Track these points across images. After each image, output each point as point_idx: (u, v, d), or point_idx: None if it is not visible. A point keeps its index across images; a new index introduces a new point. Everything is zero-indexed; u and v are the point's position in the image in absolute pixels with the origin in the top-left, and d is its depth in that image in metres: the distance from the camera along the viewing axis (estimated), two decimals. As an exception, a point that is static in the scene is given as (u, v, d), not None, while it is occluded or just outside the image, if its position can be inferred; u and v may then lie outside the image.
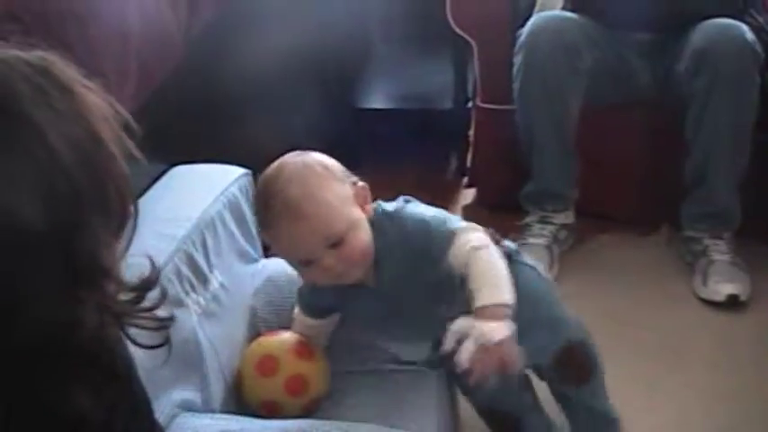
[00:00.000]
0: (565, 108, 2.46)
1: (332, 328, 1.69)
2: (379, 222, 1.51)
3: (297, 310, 1.68)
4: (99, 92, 0.87)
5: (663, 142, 2.56)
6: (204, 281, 1.56)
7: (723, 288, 2.37)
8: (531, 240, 2.53)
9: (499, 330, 1.38)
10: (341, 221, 1.46)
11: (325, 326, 1.67)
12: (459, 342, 1.39)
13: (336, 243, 1.45)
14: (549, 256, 2.50)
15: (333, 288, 1.55)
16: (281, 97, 2.59)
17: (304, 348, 1.61)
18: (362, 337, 1.71)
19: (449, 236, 1.49)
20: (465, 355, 1.37)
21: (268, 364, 1.59)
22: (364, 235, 1.48)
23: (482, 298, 1.42)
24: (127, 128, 0.89)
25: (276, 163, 1.50)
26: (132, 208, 0.89)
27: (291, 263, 1.53)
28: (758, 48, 2.33)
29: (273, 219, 1.46)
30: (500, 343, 1.37)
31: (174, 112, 1.94)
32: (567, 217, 2.61)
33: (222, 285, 1.63)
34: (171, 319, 0.95)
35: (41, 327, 0.80)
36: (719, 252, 2.45)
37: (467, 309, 1.43)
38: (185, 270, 1.50)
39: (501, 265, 1.46)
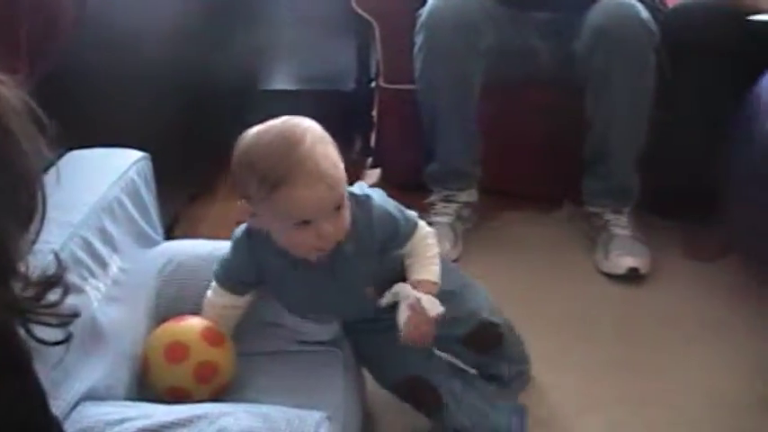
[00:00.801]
0: (466, 87, 2.47)
1: (244, 309, 1.69)
2: (349, 204, 1.57)
3: (212, 289, 1.67)
4: (11, 85, 0.85)
5: (563, 120, 2.59)
6: (104, 266, 1.53)
7: (624, 261, 2.41)
8: (435, 219, 2.54)
9: (436, 306, 1.61)
10: (344, 189, 1.53)
11: (240, 306, 1.68)
12: (394, 302, 1.62)
13: (338, 208, 1.51)
14: (452, 234, 2.51)
15: (267, 262, 1.61)
16: (182, 79, 2.56)
17: (213, 334, 1.60)
18: (273, 317, 1.71)
19: (413, 227, 1.67)
20: (403, 317, 1.60)
21: (177, 351, 1.57)
22: (347, 213, 1.55)
23: (423, 273, 1.65)
24: (37, 122, 0.87)
25: (287, 123, 1.53)
26: (41, 205, 0.87)
27: (283, 225, 1.52)
28: (653, 26, 2.37)
29: (291, 175, 1.46)
30: (435, 317, 1.60)
31: (68, 94, 1.89)
32: (471, 195, 2.63)
33: (123, 270, 1.60)
34: (75, 315, 0.93)
35: None
36: (620, 227, 2.50)
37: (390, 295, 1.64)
38: (83, 256, 1.47)
39: (438, 253, 1.70)
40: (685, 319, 2.26)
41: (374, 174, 2.88)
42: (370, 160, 2.90)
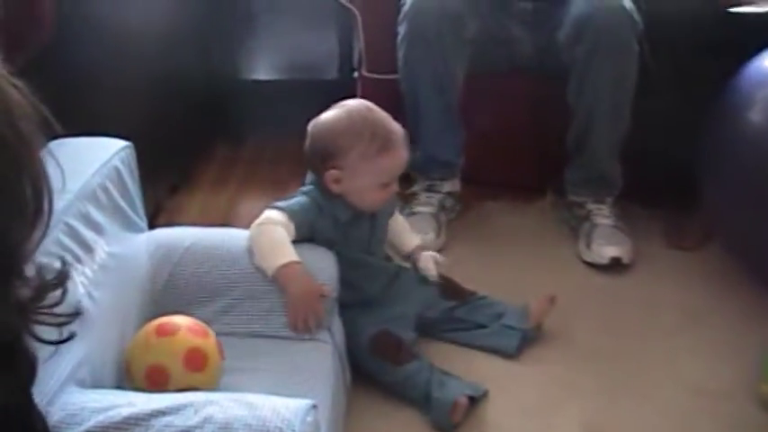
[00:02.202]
0: (449, 76, 2.47)
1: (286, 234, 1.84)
2: None
3: (281, 219, 1.84)
4: (23, 90, 0.86)
5: (546, 109, 2.59)
6: (89, 251, 1.53)
7: (606, 251, 2.42)
8: (419, 209, 2.54)
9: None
10: None
11: (287, 225, 1.85)
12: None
13: None
14: (436, 224, 2.51)
15: (339, 220, 1.93)
16: (163, 70, 2.55)
17: (196, 358, 1.57)
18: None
19: None
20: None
21: (167, 327, 1.57)
22: None
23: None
24: (46, 125, 0.87)
25: (370, 105, 1.96)
26: (47, 206, 0.87)
27: (372, 185, 1.92)
28: (636, 16, 2.37)
29: (393, 145, 1.91)
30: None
31: (49, 85, 1.88)
32: (454, 185, 2.63)
33: (111, 254, 1.60)
34: (76, 314, 0.93)
35: None
36: (602, 216, 2.50)
37: None
38: (68, 242, 1.47)
39: None
40: (667, 308, 2.27)
41: (356, 164, 2.88)
42: (352, 150, 2.90)
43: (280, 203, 1.91)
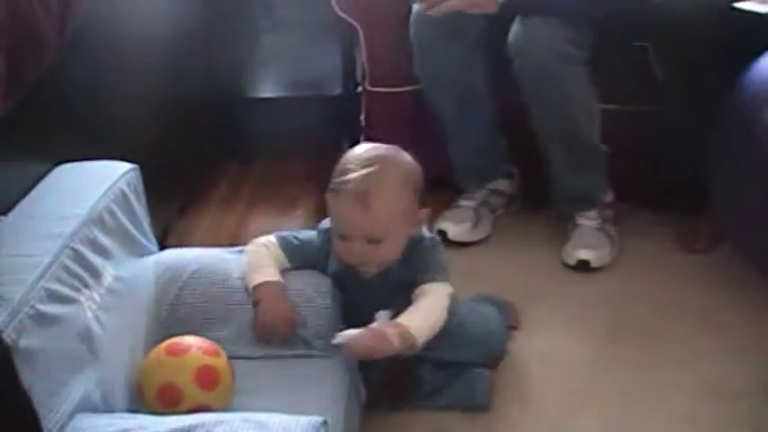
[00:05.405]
0: (467, 85, 2.46)
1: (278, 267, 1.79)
2: (412, 243, 1.76)
3: (270, 244, 1.80)
4: None
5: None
6: (97, 276, 1.53)
7: (576, 253, 2.42)
8: (462, 203, 2.59)
9: (389, 346, 1.63)
10: (387, 231, 1.70)
11: (280, 262, 1.80)
12: None
13: (373, 242, 1.69)
14: (474, 216, 2.54)
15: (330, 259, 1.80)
16: (169, 90, 2.55)
17: (207, 376, 1.57)
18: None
19: (442, 275, 1.77)
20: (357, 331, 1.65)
21: (178, 346, 1.57)
22: (395, 250, 1.74)
23: (407, 318, 1.68)
24: None
25: (373, 147, 1.75)
26: None
27: (333, 229, 1.73)
28: (558, 45, 2.27)
29: (342, 192, 1.67)
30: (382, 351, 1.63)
31: (55, 110, 1.89)
32: (498, 185, 2.64)
33: (118, 278, 1.60)
34: None
35: None
36: (587, 218, 2.48)
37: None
38: (75, 267, 1.47)
39: (440, 317, 1.72)
40: (680, 311, 2.25)
41: (363, 177, 2.88)
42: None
43: (283, 232, 1.87)
